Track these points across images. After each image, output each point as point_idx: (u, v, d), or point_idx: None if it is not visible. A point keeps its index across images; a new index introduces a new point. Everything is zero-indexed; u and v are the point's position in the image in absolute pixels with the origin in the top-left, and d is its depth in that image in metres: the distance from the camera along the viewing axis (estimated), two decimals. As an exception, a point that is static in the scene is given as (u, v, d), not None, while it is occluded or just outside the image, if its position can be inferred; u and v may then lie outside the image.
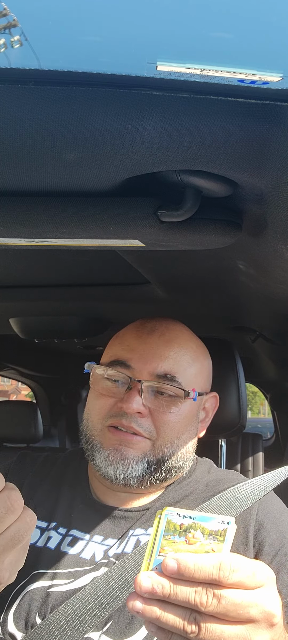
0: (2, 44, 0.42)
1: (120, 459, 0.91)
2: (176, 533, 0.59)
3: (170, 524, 0.60)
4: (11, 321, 1.78)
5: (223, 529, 0.59)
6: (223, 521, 0.60)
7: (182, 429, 0.97)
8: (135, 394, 0.92)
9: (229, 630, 0.56)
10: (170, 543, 0.59)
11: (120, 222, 0.74)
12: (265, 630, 0.57)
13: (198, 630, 0.56)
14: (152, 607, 0.56)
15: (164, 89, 0.50)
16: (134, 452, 0.92)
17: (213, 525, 0.59)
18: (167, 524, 0.60)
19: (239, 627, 0.57)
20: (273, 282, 1.05)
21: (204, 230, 0.78)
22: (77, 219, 0.74)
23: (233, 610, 0.56)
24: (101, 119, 0.53)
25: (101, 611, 0.78)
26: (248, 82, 0.46)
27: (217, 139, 0.57)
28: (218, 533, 0.60)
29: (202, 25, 0.42)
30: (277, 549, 0.89)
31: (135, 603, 0.57)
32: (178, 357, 0.98)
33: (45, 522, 0.96)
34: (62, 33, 0.42)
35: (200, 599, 0.56)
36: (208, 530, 0.59)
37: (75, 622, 0.77)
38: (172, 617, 0.56)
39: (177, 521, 0.60)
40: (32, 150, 0.59)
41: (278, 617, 0.59)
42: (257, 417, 14.86)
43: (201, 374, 1.03)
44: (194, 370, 1.00)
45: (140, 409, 0.92)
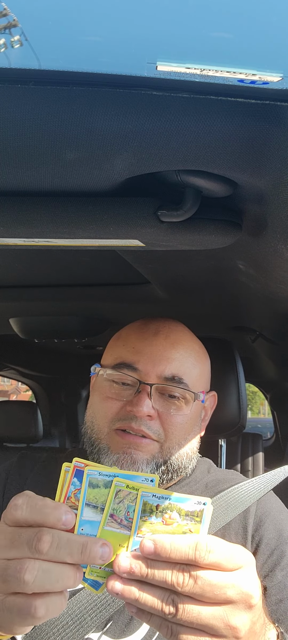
0: (2, 44, 0.42)
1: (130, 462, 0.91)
2: (153, 514, 0.60)
3: (147, 505, 0.61)
4: (11, 321, 1.78)
5: (199, 510, 0.60)
6: (200, 502, 0.60)
7: (188, 429, 0.97)
8: (144, 397, 0.92)
9: (206, 611, 0.57)
10: (148, 524, 0.60)
11: (120, 222, 0.74)
12: (243, 611, 0.58)
13: (175, 611, 0.57)
14: (130, 588, 0.58)
15: (164, 89, 0.50)
16: (144, 455, 0.92)
17: (190, 505, 0.60)
18: (144, 505, 0.60)
19: (216, 607, 0.57)
20: (273, 282, 1.05)
21: (204, 230, 0.78)
22: (77, 219, 0.74)
23: (210, 591, 0.56)
24: (101, 119, 0.53)
25: (102, 612, 0.78)
26: (248, 82, 0.46)
27: (217, 138, 0.57)
28: (195, 514, 0.60)
29: (202, 25, 0.42)
30: (273, 547, 0.89)
31: (114, 584, 0.58)
32: (184, 358, 0.98)
33: None
34: (62, 33, 0.42)
35: (177, 579, 0.56)
36: (185, 511, 0.60)
37: (75, 623, 0.77)
38: (150, 598, 0.57)
39: (153, 502, 0.60)
40: (32, 150, 0.59)
41: (257, 598, 0.59)
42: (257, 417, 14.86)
43: (203, 374, 1.03)
44: (198, 371, 1.01)
45: (150, 412, 0.92)
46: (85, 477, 0.60)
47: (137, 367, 0.95)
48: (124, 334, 1.03)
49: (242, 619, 0.58)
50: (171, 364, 0.96)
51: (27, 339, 1.90)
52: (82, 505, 0.60)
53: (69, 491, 0.61)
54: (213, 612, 0.57)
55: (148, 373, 0.95)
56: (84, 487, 0.60)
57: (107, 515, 0.60)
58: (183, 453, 0.96)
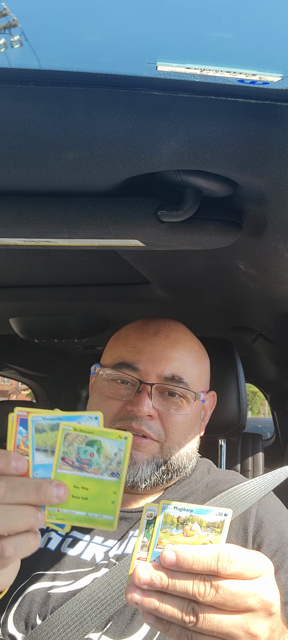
0: (2, 44, 0.42)
1: (130, 462, 0.91)
2: (174, 526, 0.60)
3: (168, 517, 0.60)
4: (11, 321, 1.78)
5: (220, 521, 0.60)
6: (221, 513, 0.60)
7: (188, 429, 0.97)
8: (145, 397, 0.92)
9: (227, 619, 0.57)
10: (168, 535, 0.60)
11: (120, 222, 0.74)
12: (264, 619, 0.58)
13: (196, 620, 0.56)
14: (150, 599, 0.57)
15: (164, 89, 0.50)
16: (144, 455, 0.92)
17: (211, 517, 0.60)
18: (165, 517, 0.60)
19: (237, 616, 0.57)
20: (273, 281, 1.05)
21: (204, 230, 0.78)
22: (77, 219, 0.74)
23: (231, 600, 0.56)
24: (101, 119, 0.53)
25: (102, 612, 0.78)
26: (249, 82, 0.46)
27: (217, 139, 0.57)
28: (216, 525, 0.60)
29: (202, 26, 0.42)
30: (275, 549, 0.89)
31: (133, 595, 0.58)
32: (184, 358, 0.98)
33: None
34: (62, 33, 0.42)
35: (198, 589, 0.56)
36: (206, 522, 0.60)
37: (75, 623, 0.76)
38: (170, 608, 0.57)
39: (175, 514, 0.60)
40: (32, 150, 0.59)
41: (277, 606, 0.59)
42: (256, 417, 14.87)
43: (203, 374, 1.03)
44: (198, 370, 1.01)
45: (151, 411, 0.92)
46: (30, 423, 0.61)
47: (138, 366, 0.95)
48: (123, 333, 1.03)
49: (262, 626, 0.58)
50: (171, 364, 0.96)
51: (27, 339, 1.90)
52: (32, 450, 0.61)
53: (17, 440, 0.62)
54: (234, 621, 0.57)
55: (148, 373, 0.94)
56: (31, 433, 0.61)
57: (58, 459, 0.61)
58: (183, 453, 0.96)
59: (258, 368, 3.05)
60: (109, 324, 1.82)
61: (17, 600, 0.84)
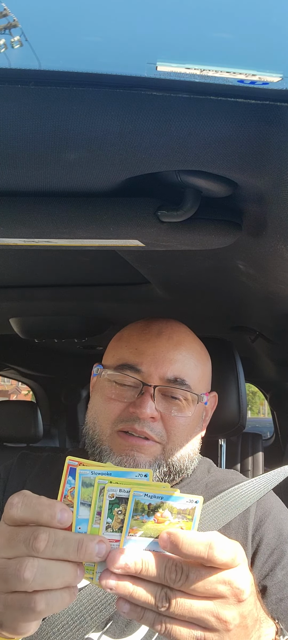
0: (3, 45, 0.42)
1: (132, 464, 0.91)
2: (145, 513, 0.61)
3: (139, 504, 0.61)
4: (11, 321, 1.78)
5: (191, 508, 0.61)
6: (192, 500, 0.61)
7: (190, 431, 0.97)
8: (148, 399, 0.92)
9: (197, 604, 0.59)
10: (139, 523, 0.61)
11: (120, 222, 0.74)
12: (234, 605, 0.60)
13: (168, 605, 0.58)
14: (125, 583, 0.59)
15: (164, 89, 0.50)
16: (146, 457, 0.92)
17: (182, 504, 0.61)
18: (136, 505, 0.61)
19: (207, 602, 0.59)
20: (273, 282, 1.05)
21: (204, 231, 0.78)
22: (77, 219, 0.74)
23: (201, 586, 0.58)
24: (101, 119, 0.53)
25: (102, 611, 0.78)
26: (248, 82, 0.46)
27: (216, 139, 0.57)
28: (187, 512, 0.61)
29: (202, 26, 0.42)
30: (273, 547, 0.89)
31: (108, 580, 0.59)
32: (186, 360, 0.98)
33: None
34: (62, 33, 0.42)
35: (170, 574, 0.58)
36: (177, 509, 0.61)
37: (75, 623, 0.76)
38: (144, 593, 0.58)
39: (145, 501, 0.60)
40: (32, 151, 0.59)
41: (247, 593, 0.61)
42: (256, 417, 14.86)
43: (205, 375, 1.03)
44: (200, 372, 1.01)
45: (153, 413, 0.92)
46: (78, 476, 0.60)
47: (140, 368, 0.95)
48: (125, 334, 1.03)
49: (232, 612, 0.59)
50: (174, 366, 0.96)
51: (27, 339, 1.90)
52: (77, 504, 0.60)
53: (65, 489, 0.61)
54: (204, 606, 0.59)
55: (151, 374, 0.94)
56: (78, 487, 0.60)
57: (94, 514, 0.61)
58: (185, 454, 0.96)
59: (258, 368, 3.05)
60: (109, 324, 1.82)
61: None
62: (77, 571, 0.59)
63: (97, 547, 0.58)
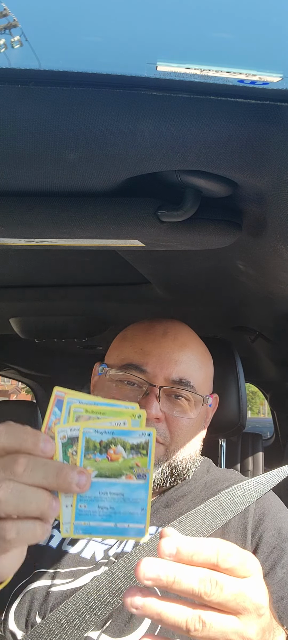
0: (3, 44, 0.42)
1: None
2: (97, 451, 0.58)
3: (90, 442, 0.58)
4: (11, 321, 1.78)
5: (145, 441, 0.58)
6: (144, 433, 0.58)
7: (193, 432, 0.97)
8: (153, 399, 0.91)
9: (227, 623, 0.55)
10: (92, 462, 0.58)
11: (120, 222, 0.74)
12: (255, 621, 0.57)
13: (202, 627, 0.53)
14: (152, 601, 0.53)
15: (164, 89, 0.50)
16: None
17: (135, 438, 0.58)
18: (87, 443, 0.58)
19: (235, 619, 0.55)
20: (273, 282, 1.05)
21: (204, 230, 0.78)
22: (77, 219, 0.74)
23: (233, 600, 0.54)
24: (101, 119, 0.53)
25: (101, 610, 0.78)
26: (248, 82, 0.46)
27: (216, 139, 0.57)
28: (141, 446, 0.58)
29: (202, 26, 0.42)
30: (273, 546, 0.89)
31: (133, 599, 0.53)
32: (191, 361, 0.97)
33: None
34: (62, 33, 0.43)
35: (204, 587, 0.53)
36: (130, 444, 0.58)
37: (75, 621, 0.76)
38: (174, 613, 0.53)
39: (96, 438, 0.58)
40: (32, 151, 0.59)
41: (266, 607, 0.58)
42: (256, 417, 14.87)
43: (208, 377, 1.03)
44: (203, 374, 1.00)
45: (158, 414, 0.91)
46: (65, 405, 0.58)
47: (146, 368, 0.94)
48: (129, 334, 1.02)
49: (255, 628, 0.56)
50: (179, 367, 0.95)
51: (27, 339, 1.90)
52: None
53: (50, 421, 0.58)
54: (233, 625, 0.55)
55: (156, 375, 0.94)
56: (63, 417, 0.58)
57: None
58: (187, 455, 0.96)
59: (258, 368, 3.05)
60: (109, 324, 1.82)
61: (18, 597, 0.84)
62: (52, 502, 0.56)
63: (77, 477, 0.56)
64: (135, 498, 0.59)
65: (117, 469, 0.58)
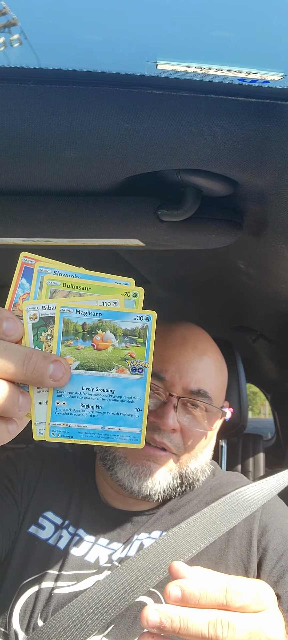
0: (2, 43, 0.42)
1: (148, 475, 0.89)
2: (79, 336, 0.46)
3: (70, 325, 0.46)
4: (11, 321, 1.78)
5: (142, 327, 0.47)
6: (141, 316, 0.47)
7: (206, 443, 0.96)
8: (170, 410, 0.89)
9: None
10: (73, 350, 0.46)
11: (120, 222, 0.74)
12: None
13: None
14: None
15: (164, 88, 0.50)
16: (162, 468, 0.90)
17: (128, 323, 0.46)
18: (65, 326, 0.46)
19: None
20: (274, 281, 1.05)
21: (204, 230, 0.78)
22: (77, 219, 0.74)
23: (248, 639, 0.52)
24: (101, 118, 0.53)
25: (103, 615, 0.77)
26: (249, 81, 0.46)
27: (217, 138, 0.56)
28: (136, 332, 0.47)
29: (202, 25, 0.42)
30: (280, 553, 0.88)
31: None
32: (209, 370, 0.95)
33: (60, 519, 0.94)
34: (61, 32, 0.42)
35: (215, 631, 0.50)
36: (122, 330, 0.46)
37: (76, 626, 0.76)
38: None
39: (78, 320, 0.46)
40: (32, 150, 0.59)
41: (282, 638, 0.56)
42: (257, 417, 14.86)
43: (224, 385, 1.02)
44: (220, 382, 0.99)
45: (175, 425, 0.89)
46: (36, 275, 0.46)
47: (164, 376, 0.92)
48: None
49: None
50: (197, 376, 0.93)
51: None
52: None
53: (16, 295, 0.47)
54: None
55: (174, 384, 0.91)
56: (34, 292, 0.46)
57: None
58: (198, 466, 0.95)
59: (259, 368, 3.05)
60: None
61: (23, 595, 0.84)
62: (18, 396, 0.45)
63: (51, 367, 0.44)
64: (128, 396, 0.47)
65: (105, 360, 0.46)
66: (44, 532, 0.92)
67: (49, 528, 0.93)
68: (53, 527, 0.93)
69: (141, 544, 0.89)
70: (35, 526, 0.93)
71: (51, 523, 0.94)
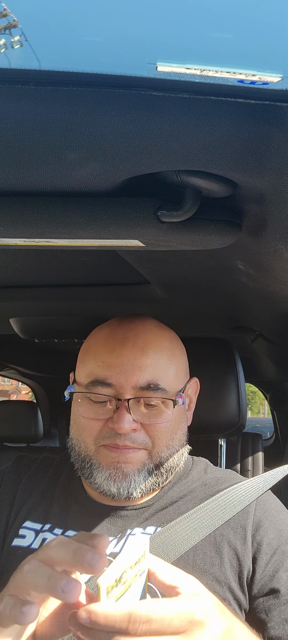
0: (3, 45, 0.42)
1: (121, 476, 0.91)
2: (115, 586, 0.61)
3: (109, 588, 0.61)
4: (11, 321, 1.78)
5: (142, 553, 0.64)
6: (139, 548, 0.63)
7: (174, 429, 0.96)
8: (124, 413, 0.89)
9: None
10: None
11: (120, 222, 0.74)
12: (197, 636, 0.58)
13: None
14: None
15: (164, 90, 0.50)
16: (134, 466, 0.91)
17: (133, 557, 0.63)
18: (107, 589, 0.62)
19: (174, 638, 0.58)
20: (273, 282, 1.05)
21: (204, 231, 0.78)
22: (77, 219, 0.74)
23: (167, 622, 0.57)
24: (101, 119, 0.53)
25: None
26: (248, 82, 0.46)
27: (216, 139, 0.57)
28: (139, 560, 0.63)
29: (202, 26, 0.42)
30: (274, 548, 0.89)
31: None
32: (156, 362, 0.94)
33: (39, 524, 0.96)
34: (62, 33, 0.43)
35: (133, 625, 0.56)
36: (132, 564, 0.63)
37: None
38: None
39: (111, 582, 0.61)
40: (32, 151, 0.59)
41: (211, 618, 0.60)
42: (256, 416, 14.88)
43: (180, 369, 1.00)
44: (174, 369, 0.97)
45: (132, 426, 0.90)
46: None
47: (111, 382, 0.92)
48: (92, 346, 1.00)
49: None
50: (144, 372, 0.92)
51: (27, 339, 1.90)
52: None
53: None
54: None
55: (122, 386, 0.91)
56: None
57: None
58: (173, 452, 0.95)
59: (258, 368, 3.05)
60: (109, 324, 1.81)
61: None
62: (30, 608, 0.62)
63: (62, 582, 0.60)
64: None
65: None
66: (25, 540, 0.94)
67: (29, 535, 0.94)
68: (33, 533, 0.95)
69: None
70: (17, 538, 0.95)
71: (30, 530, 0.95)
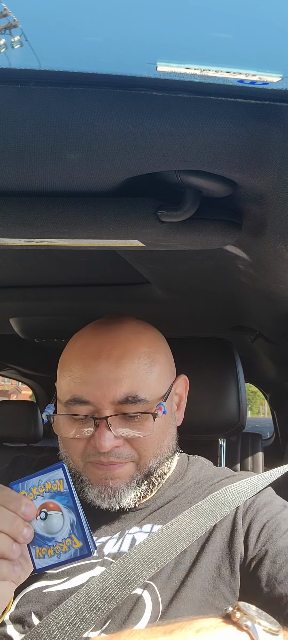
0: (3, 45, 0.42)
1: (111, 493, 0.90)
2: None
3: None
4: (11, 321, 1.78)
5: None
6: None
7: (161, 437, 0.94)
8: (104, 432, 0.87)
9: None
10: None
11: (120, 223, 0.74)
12: None
13: None
14: None
15: (164, 90, 0.50)
16: (122, 480, 0.90)
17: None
18: None
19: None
20: (273, 282, 1.06)
21: (204, 230, 0.78)
22: (77, 219, 0.74)
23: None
24: (101, 119, 0.53)
25: (100, 609, 0.78)
26: (248, 82, 0.47)
27: (216, 139, 0.57)
28: None
29: (202, 26, 0.42)
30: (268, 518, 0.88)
31: None
32: (133, 372, 0.90)
33: None
34: (62, 34, 0.43)
35: None
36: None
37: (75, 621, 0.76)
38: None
39: None
40: (32, 151, 0.59)
41: None
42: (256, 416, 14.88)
43: (162, 371, 0.96)
44: (155, 374, 0.93)
45: (114, 443, 0.88)
46: None
47: (88, 399, 0.89)
48: (67, 361, 0.96)
49: None
50: (121, 385, 0.88)
51: (27, 339, 1.90)
52: None
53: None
54: None
55: (100, 402, 0.88)
56: None
57: None
58: (162, 459, 0.94)
59: (258, 368, 3.05)
60: (109, 324, 1.81)
61: (14, 600, 0.84)
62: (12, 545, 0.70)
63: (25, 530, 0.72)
64: None
65: None
66: None
67: None
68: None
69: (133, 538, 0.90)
70: None
71: None
